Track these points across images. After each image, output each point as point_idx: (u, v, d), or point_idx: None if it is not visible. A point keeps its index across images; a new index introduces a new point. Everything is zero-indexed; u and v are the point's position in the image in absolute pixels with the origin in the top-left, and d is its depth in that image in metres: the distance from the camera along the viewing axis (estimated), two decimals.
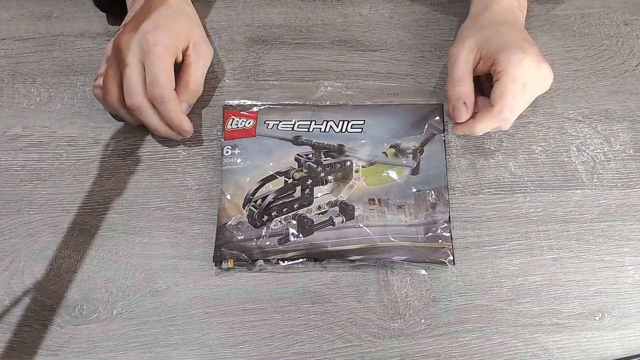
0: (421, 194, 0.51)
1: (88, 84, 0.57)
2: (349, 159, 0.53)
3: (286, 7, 0.61)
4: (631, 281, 0.50)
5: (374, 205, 0.51)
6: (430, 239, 0.50)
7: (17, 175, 0.53)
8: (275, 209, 0.51)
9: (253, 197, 0.51)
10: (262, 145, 0.53)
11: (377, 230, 0.50)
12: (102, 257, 0.50)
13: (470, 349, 0.48)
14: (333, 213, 0.51)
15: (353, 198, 0.51)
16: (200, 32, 0.55)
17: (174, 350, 0.48)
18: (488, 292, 0.50)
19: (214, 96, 0.57)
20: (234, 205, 0.51)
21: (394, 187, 0.52)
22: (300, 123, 0.54)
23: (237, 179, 0.52)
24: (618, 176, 0.54)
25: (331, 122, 0.54)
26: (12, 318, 0.48)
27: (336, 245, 0.49)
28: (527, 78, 0.49)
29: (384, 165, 0.52)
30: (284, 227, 0.50)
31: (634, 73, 0.58)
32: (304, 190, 0.51)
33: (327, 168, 0.52)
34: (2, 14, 0.60)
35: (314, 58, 0.58)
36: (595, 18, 0.61)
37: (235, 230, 0.50)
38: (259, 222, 0.50)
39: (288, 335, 0.48)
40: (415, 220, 0.50)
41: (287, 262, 0.49)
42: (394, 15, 0.61)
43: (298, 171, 0.52)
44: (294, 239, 0.50)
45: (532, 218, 0.52)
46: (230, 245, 0.49)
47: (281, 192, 0.51)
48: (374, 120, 0.54)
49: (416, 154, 0.53)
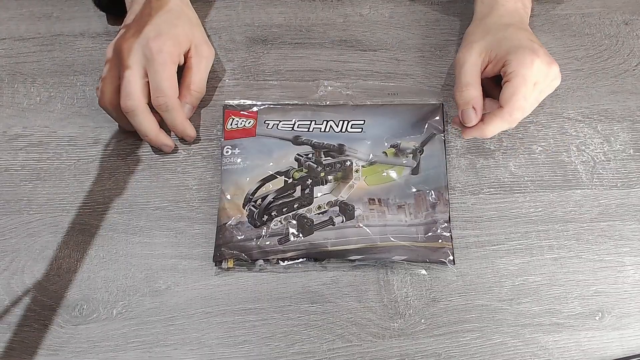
0: (421, 194, 0.51)
1: (88, 84, 0.57)
2: (349, 158, 0.53)
3: (286, 7, 0.61)
4: (631, 281, 0.50)
5: (373, 205, 0.51)
6: (431, 239, 0.50)
7: (17, 175, 0.53)
8: (275, 209, 0.50)
9: (253, 197, 0.51)
10: (262, 145, 0.53)
11: (377, 230, 0.50)
12: (102, 257, 0.50)
13: (470, 349, 0.48)
14: (333, 213, 0.51)
15: (353, 198, 0.51)
16: (201, 34, 0.55)
17: (174, 350, 0.48)
18: (488, 292, 0.50)
19: (214, 96, 0.57)
20: (234, 205, 0.51)
21: (394, 187, 0.52)
22: (300, 123, 0.54)
23: (237, 179, 0.52)
24: (618, 176, 0.54)
25: (331, 122, 0.54)
26: (12, 318, 0.48)
27: (336, 245, 0.49)
28: (538, 78, 0.49)
29: (384, 165, 0.52)
30: (284, 227, 0.50)
31: (634, 73, 0.58)
32: (304, 190, 0.51)
33: (327, 168, 0.52)
34: (2, 14, 0.60)
35: (314, 58, 0.58)
36: (595, 18, 0.61)
37: (235, 230, 0.50)
38: (259, 222, 0.50)
39: (288, 335, 0.48)
40: (415, 220, 0.50)
41: (287, 262, 0.49)
42: (394, 15, 0.61)
43: (298, 171, 0.52)
44: (294, 239, 0.50)
45: (532, 218, 0.52)
46: (230, 245, 0.49)
47: (281, 192, 0.51)
48: (374, 120, 0.54)
49: (416, 154, 0.53)
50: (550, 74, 0.50)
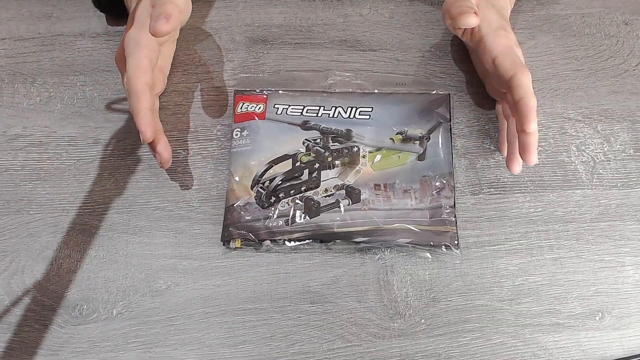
0: (427, 179, 0.52)
1: (88, 84, 0.57)
2: (356, 144, 0.53)
3: (286, 7, 0.61)
4: (631, 281, 0.50)
5: (379, 190, 0.51)
6: (436, 223, 0.50)
7: (17, 175, 0.53)
8: (283, 191, 0.51)
9: (261, 179, 0.51)
10: (271, 129, 0.53)
11: (382, 214, 0.50)
12: (102, 257, 0.50)
13: (470, 349, 0.48)
14: (339, 196, 0.51)
15: (359, 182, 0.52)
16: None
17: (174, 350, 0.48)
18: (488, 292, 0.50)
19: (214, 96, 0.57)
20: (242, 187, 0.51)
21: (400, 172, 0.52)
22: (309, 108, 0.54)
23: (246, 161, 0.52)
24: (618, 176, 0.54)
25: (339, 108, 0.54)
26: (12, 318, 0.49)
27: (342, 227, 0.50)
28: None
29: (391, 150, 0.53)
30: (290, 208, 0.51)
31: (634, 73, 0.58)
32: (312, 174, 0.52)
33: (335, 153, 0.53)
34: (2, 14, 0.60)
35: (314, 58, 0.58)
36: (595, 18, 0.61)
37: (243, 210, 0.50)
38: (266, 203, 0.51)
39: (288, 335, 0.48)
40: (421, 205, 0.51)
41: (294, 243, 0.50)
42: (394, 15, 0.61)
43: (306, 155, 0.52)
44: (301, 220, 0.50)
45: (532, 218, 0.52)
46: (238, 225, 0.50)
47: (289, 174, 0.52)
48: (382, 108, 0.54)
49: (423, 141, 0.53)
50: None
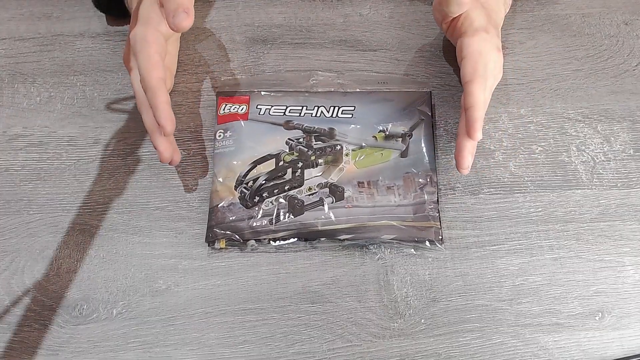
0: (410, 176, 0.52)
1: (88, 84, 0.57)
2: (339, 143, 0.53)
3: (286, 7, 0.61)
4: (631, 281, 0.50)
5: (363, 188, 0.51)
6: (419, 219, 0.50)
7: (17, 175, 0.53)
8: (267, 190, 0.51)
9: (245, 179, 0.51)
10: (254, 129, 0.54)
11: (366, 211, 0.50)
12: (102, 257, 0.50)
13: (470, 349, 0.48)
14: (323, 194, 0.51)
15: (343, 180, 0.52)
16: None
17: (174, 350, 0.48)
18: (488, 292, 0.50)
19: (214, 96, 0.57)
20: (226, 188, 0.51)
21: (383, 169, 0.52)
22: (292, 108, 0.55)
23: (229, 162, 0.52)
24: (618, 176, 0.54)
25: (322, 108, 0.55)
26: (12, 318, 0.48)
27: (326, 225, 0.50)
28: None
29: (374, 148, 0.53)
30: (274, 208, 0.51)
31: (634, 73, 0.58)
32: (295, 173, 0.52)
33: (318, 152, 0.53)
34: (2, 14, 0.60)
35: (314, 58, 0.58)
36: (595, 18, 0.61)
37: (227, 211, 0.51)
38: (250, 203, 0.51)
39: (288, 335, 0.48)
40: (404, 201, 0.51)
41: (279, 242, 0.50)
42: (394, 15, 0.61)
43: (289, 154, 0.52)
44: (285, 219, 0.50)
45: (532, 218, 0.52)
46: (222, 226, 0.50)
47: (272, 174, 0.52)
48: (364, 106, 0.55)
49: (405, 138, 0.53)
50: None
